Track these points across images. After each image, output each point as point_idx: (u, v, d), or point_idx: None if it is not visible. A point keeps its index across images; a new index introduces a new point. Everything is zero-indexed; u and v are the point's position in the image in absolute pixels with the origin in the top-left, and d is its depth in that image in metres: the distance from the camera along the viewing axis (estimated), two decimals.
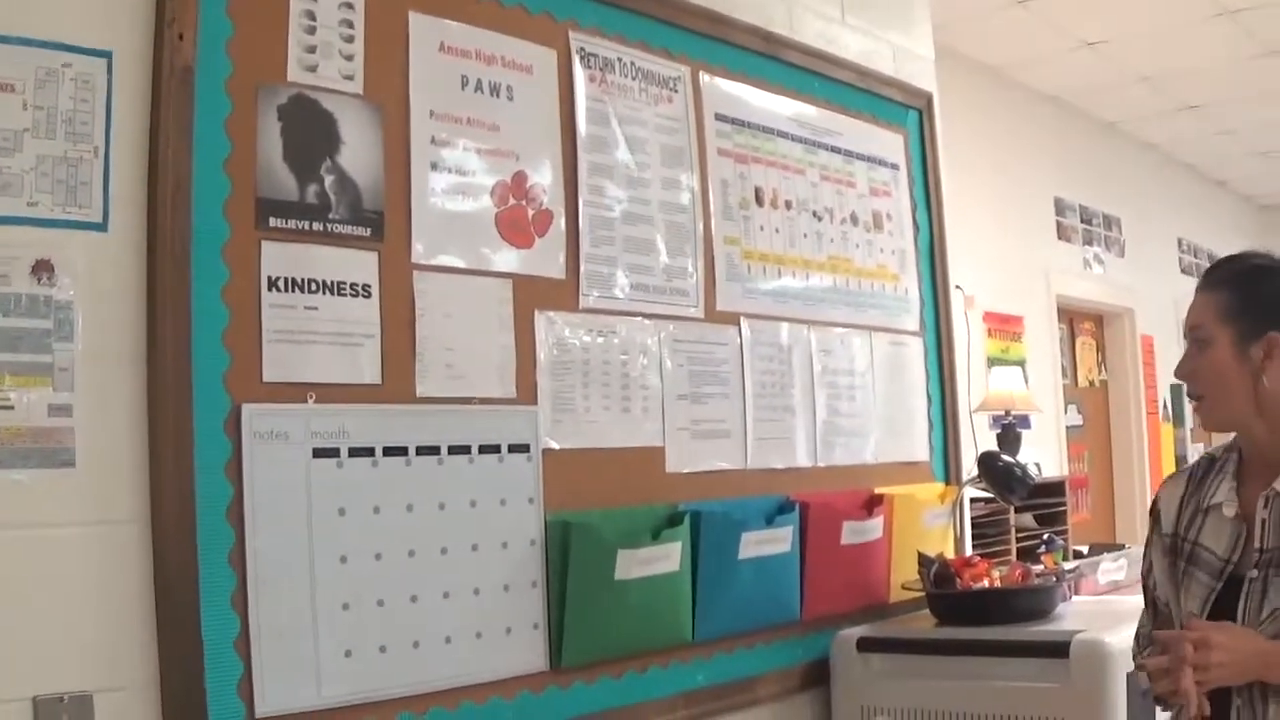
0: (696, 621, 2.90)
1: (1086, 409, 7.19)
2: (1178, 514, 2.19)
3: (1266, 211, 9.88)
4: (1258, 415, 2.07)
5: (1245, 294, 2.09)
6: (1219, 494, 2.12)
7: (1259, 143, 7.95)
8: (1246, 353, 2.06)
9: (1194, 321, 2.13)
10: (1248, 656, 1.94)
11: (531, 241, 2.68)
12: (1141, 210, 7.70)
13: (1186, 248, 8.39)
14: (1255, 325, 2.05)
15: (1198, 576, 2.10)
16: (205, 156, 2.16)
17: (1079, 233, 6.97)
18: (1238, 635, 1.97)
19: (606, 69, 2.92)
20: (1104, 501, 7.26)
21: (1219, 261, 2.22)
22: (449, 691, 2.42)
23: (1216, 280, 2.14)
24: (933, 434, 3.87)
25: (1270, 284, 2.10)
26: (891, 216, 3.79)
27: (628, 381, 2.85)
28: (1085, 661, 2.86)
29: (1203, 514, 2.14)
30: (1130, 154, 7.67)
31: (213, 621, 2.09)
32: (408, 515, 2.37)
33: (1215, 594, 2.06)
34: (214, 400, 2.14)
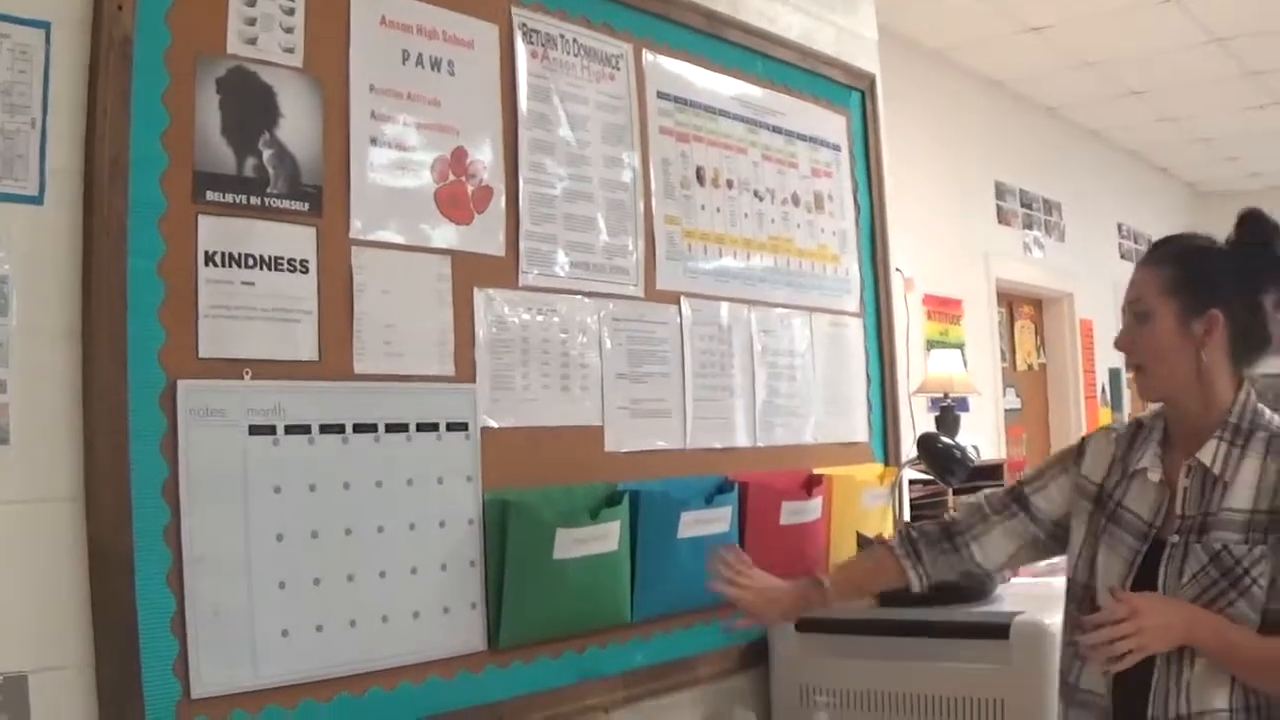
0: (635, 601, 2.93)
1: (1025, 392, 7.28)
2: (1107, 470, 2.30)
3: (1206, 198, 10.02)
4: (1192, 388, 2.17)
5: (1188, 271, 2.18)
6: (1145, 460, 2.23)
7: (1200, 130, 8.06)
8: (1188, 327, 2.15)
9: (1135, 295, 2.22)
10: (1176, 622, 2.04)
11: (471, 218, 2.69)
12: (1082, 195, 7.79)
13: (1126, 233, 8.50)
14: (1197, 301, 2.15)
15: (1121, 537, 2.21)
16: (143, 129, 2.15)
17: (1019, 217, 7.04)
18: (1165, 603, 2.08)
19: (548, 45, 2.92)
20: None
21: (1162, 240, 2.30)
22: (387, 671, 2.43)
23: (1160, 257, 2.23)
24: (872, 415, 3.91)
25: (1211, 263, 2.19)
26: (833, 197, 3.82)
27: (567, 360, 2.86)
28: (1025, 642, 2.88)
29: (1128, 478, 2.25)
30: (1072, 139, 7.76)
31: (148, 601, 2.09)
32: (344, 493, 2.38)
33: (1141, 555, 2.17)
34: (149, 376, 2.13)
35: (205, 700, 2.15)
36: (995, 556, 2.49)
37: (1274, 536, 2.06)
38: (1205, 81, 6.88)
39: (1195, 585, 2.09)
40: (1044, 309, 7.53)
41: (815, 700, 3.12)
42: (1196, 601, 2.08)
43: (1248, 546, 2.07)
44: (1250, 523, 2.08)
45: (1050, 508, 2.40)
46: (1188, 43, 6.19)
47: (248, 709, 2.21)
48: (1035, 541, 2.45)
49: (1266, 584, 2.05)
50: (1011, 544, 2.46)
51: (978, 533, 2.49)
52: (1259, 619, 2.06)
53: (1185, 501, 2.15)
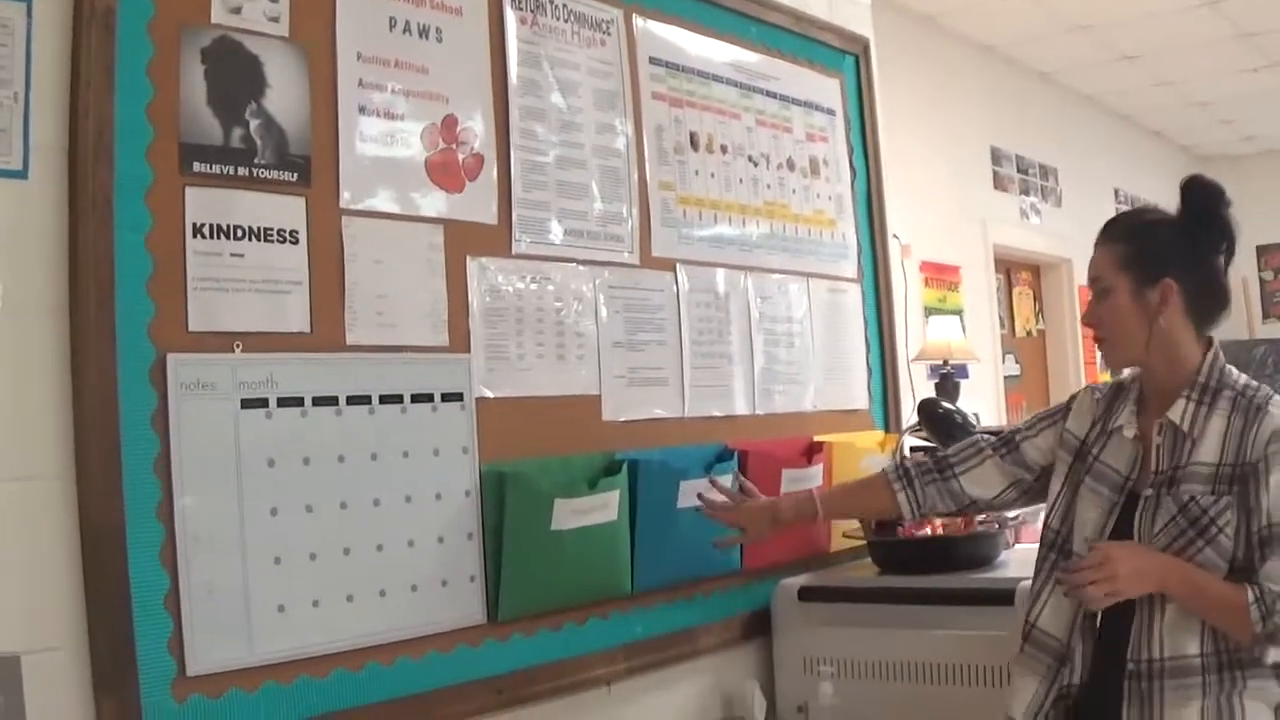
0: (635, 572, 2.91)
1: (1024, 359, 7.27)
2: (1089, 428, 2.49)
3: (1203, 162, 9.98)
4: (1156, 353, 2.35)
5: (1139, 245, 2.36)
6: (1121, 418, 2.42)
7: (1196, 94, 8.04)
8: (1144, 297, 2.34)
9: (1094, 274, 2.42)
10: (1148, 568, 2.24)
11: (462, 186, 2.67)
12: (1078, 160, 7.77)
13: (1124, 198, 8.48)
14: (1150, 273, 2.33)
15: (1098, 489, 2.40)
16: (127, 101, 2.13)
17: (1015, 182, 7.02)
18: (1138, 551, 2.28)
19: (538, 11, 2.90)
20: None
21: (1114, 217, 2.50)
22: (384, 646, 2.41)
23: (1113, 234, 2.42)
24: (872, 381, 3.90)
25: (1161, 235, 2.39)
26: (828, 162, 3.80)
27: (563, 329, 2.85)
28: None
29: (1106, 435, 2.44)
30: (1068, 104, 7.73)
31: (141, 578, 2.07)
32: (339, 466, 2.36)
33: (1118, 507, 2.36)
34: (138, 351, 2.11)
35: (201, 678, 2.14)
36: (984, 491, 2.66)
37: (1238, 488, 2.23)
38: (1199, 44, 6.85)
39: (1166, 535, 2.27)
40: (1042, 275, 7.51)
41: (819, 670, 3.10)
42: (1167, 550, 2.26)
43: (1214, 498, 2.24)
44: (1216, 475, 2.25)
45: (1038, 456, 2.59)
46: (1180, 5, 6.16)
47: (244, 686, 2.20)
48: (1021, 483, 2.63)
49: (1232, 532, 2.23)
50: (1001, 480, 2.64)
51: (970, 465, 2.67)
52: (1227, 566, 2.23)
53: (1159, 457, 2.32)
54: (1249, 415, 2.28)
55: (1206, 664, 2.24)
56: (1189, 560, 2.24)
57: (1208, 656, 2.24)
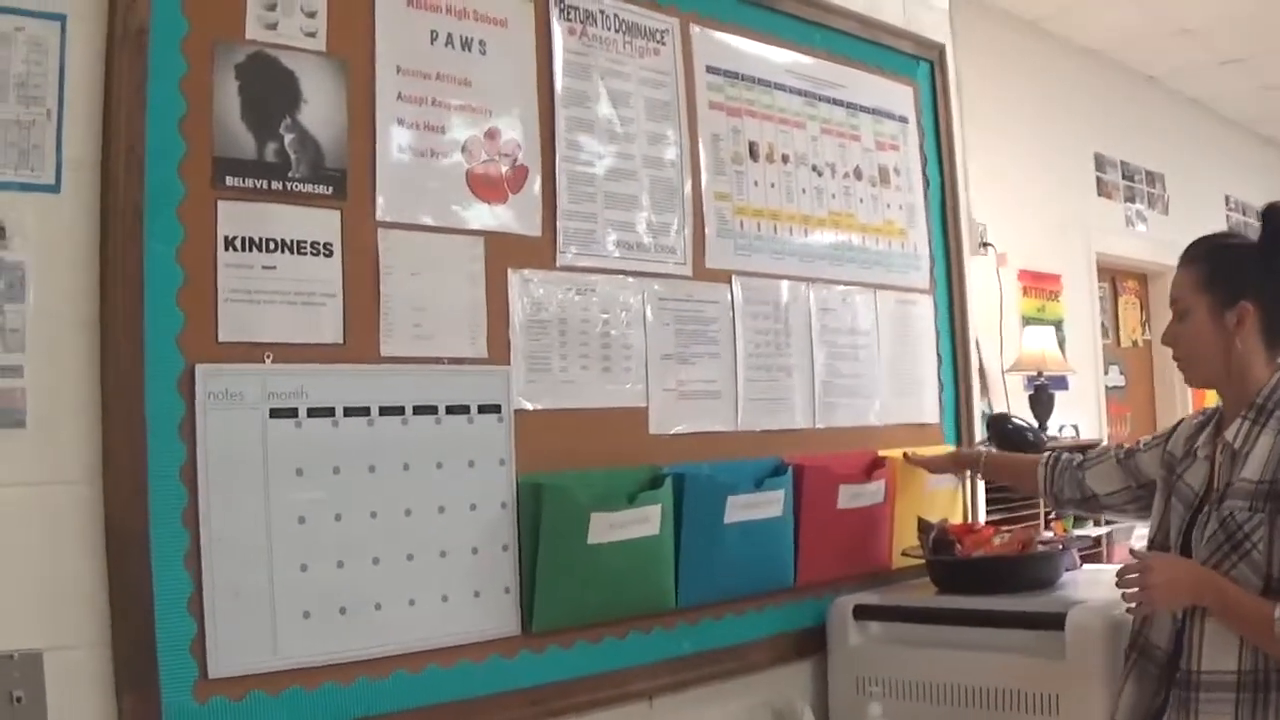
0: (680, 587, 2.95)
1: (1129, 369, 7.15)
2: (1184, 448, 2.63)
3: None
4: (1230, 374, 2.46)
5: (1218, 267, 2.46)
6: (1202, 439, 2.55)
7: None
8: (1221, 319, 2.44)
9: (1174, 295, 2.54)
10: (1183, 581, 2.37)
11: (505, 198, 2.72)
12: (1186, 167, 7.64)
13: (1235, 205, 8.31)
14: (1228, 295, 2.43)
15: (1176, 506, 2.54)
16: (159, 117, 2.23)
17: (1120, 189, 6.93)
18: (1177, 563, 2.43)
19: (587, 21, 2.95)
20: None
21: (1196, 240, 2.58)
22: (413, 654, 2.48)
23: (1192, 256, 2.52)
24: (943, 395, 3.88)
25: (1240, 258, 2.49)
26: (900, 171, 3.80)
27: (608, 341, 2.89)
28: (1081, 634, 2.84)
29: (1191, 455, 2.58)
30: (1173, 109, 7.61)
31: (165, 581, 2.17)
32: (369, 476, 2.44)
33: (1185, 523, 2.49)
34: (167, 360, 2.21)
35: (223, 680, 2.23)
36: (1101, 486, 2.95)
37: (1272, 505, 2.32)
38: None
39: (1207, 548, 2.39)
40: (1149, 284, 7.38)
41: (869, 690, 3.10)
42: (1206, 563, 2.37)
43: (1250, 513, 2.34)
44: (1256, 491, 2.35)
45: (1146, 470, 2.82)
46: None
47: (267, 690, 2.28)
48: (1130, 489, 2.88)
49: (1265, 548, 2.31)
50: (1115, 481, 2.92)
51: (1095, 464, 2.98)
52: (1261, 582, 2.31)
53: (1218, 475, 2.46)
54: None
55: (1242, 681, 2.30)
56: (1224, 574, 2.33)
57: (1244, 674, 2.31)
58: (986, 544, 3.33)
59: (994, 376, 5.68)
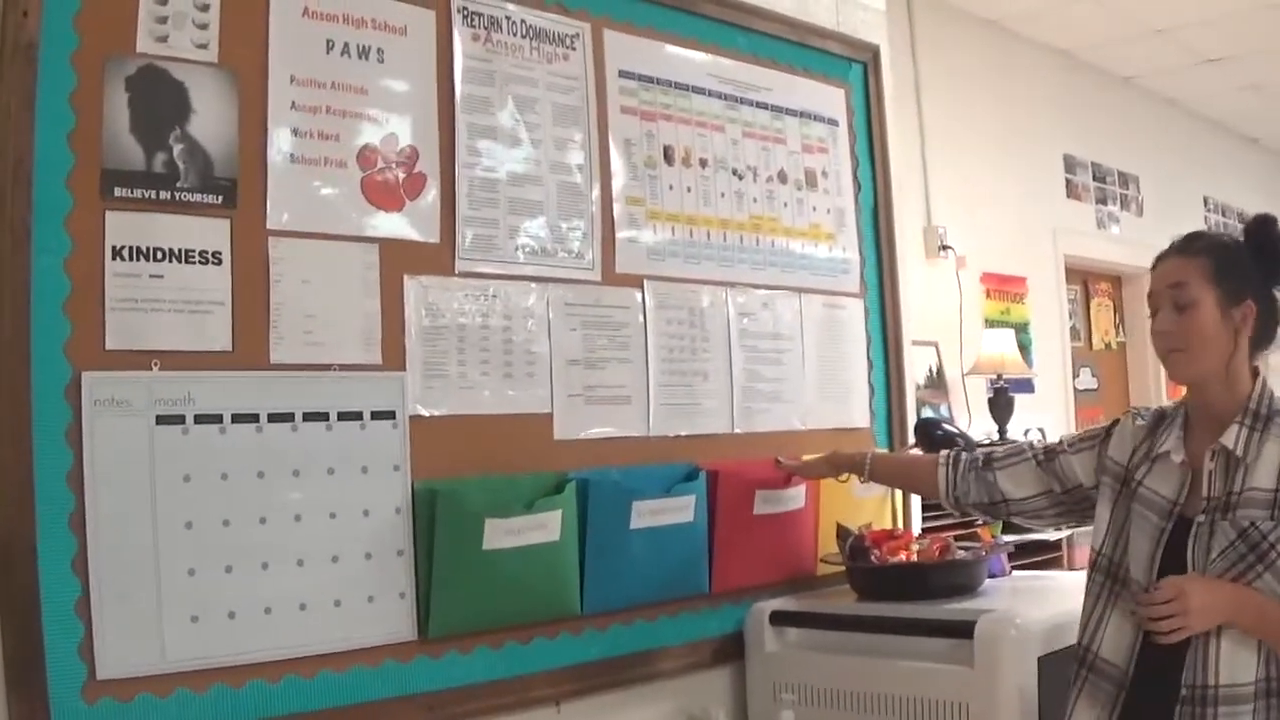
0: (585, 593, 3.14)
1: (1102, 372, 7.33)
2: (1131, 453, 2.69)
3: None
4: (1221, 373, 2.53)
5: (1227, 263, 2.53)
6: (1168, 444, 2.59)
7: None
8: (1229, 314, 2.51)
9: (1177, 279, 2.55)
10: (1219, 603, 2.42)
11: (402, 205, 2.92)
12: (1162, 168, 7.84)
13: (1214, 207, 8.50)
14: (1238, 290, 2.51)
15: (1146, 516, 2.58)
16: (48, 131, 2.42)
17: (1090, 191, 7.11)
18: (1210, 585, 2.45)
19: (492, 28, 3.14)
20: None
21: (1194, 233, 2.66)
22: (305, 659, 2.68)
23: (1199, 248, 2.57)
24: (874, 400, 4.07)
25: (1243, 257, 2.56)
26: (828, 174, 3.99)
27: (511, 347, 3.09)
28: (990, 643, 2.99)
29: (1151, 461, 2.63)
30: (1149, 110, 7.81)
31: (52, 584, 2.37)
32: (258, 482, 2.64)
33: (1166, 534, 2.53)
34: (54, 369, 2.41)
35: (111, 681, 2.42)
36: (1016, 490, 2.98)
37: None
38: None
39: (1224, 561, 2.44)
40: (1122, 286, 7.57)
41: (781, 697, 3.28)
42: (1225, 576, 2.44)
43: (1274, 523, 2.41)
44: (1274, 500, 2.43)
45: (1071, 473, 2.87)
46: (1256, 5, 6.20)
47: (156, 692, 2.48)
48: (1051, 494, 2.92)
49: None
50: (1034, 485, 2.95)
51: (1009, 463, 3.00)
52: None
53: (1210, 483, 2.50)
54: None
55: (1258, 690, 2.41)
56: (1247, 585, 2.42)
57: (1260, 683, 2.42)
58: (905, 550, 3.51)
59: (953, 380, 5.88)
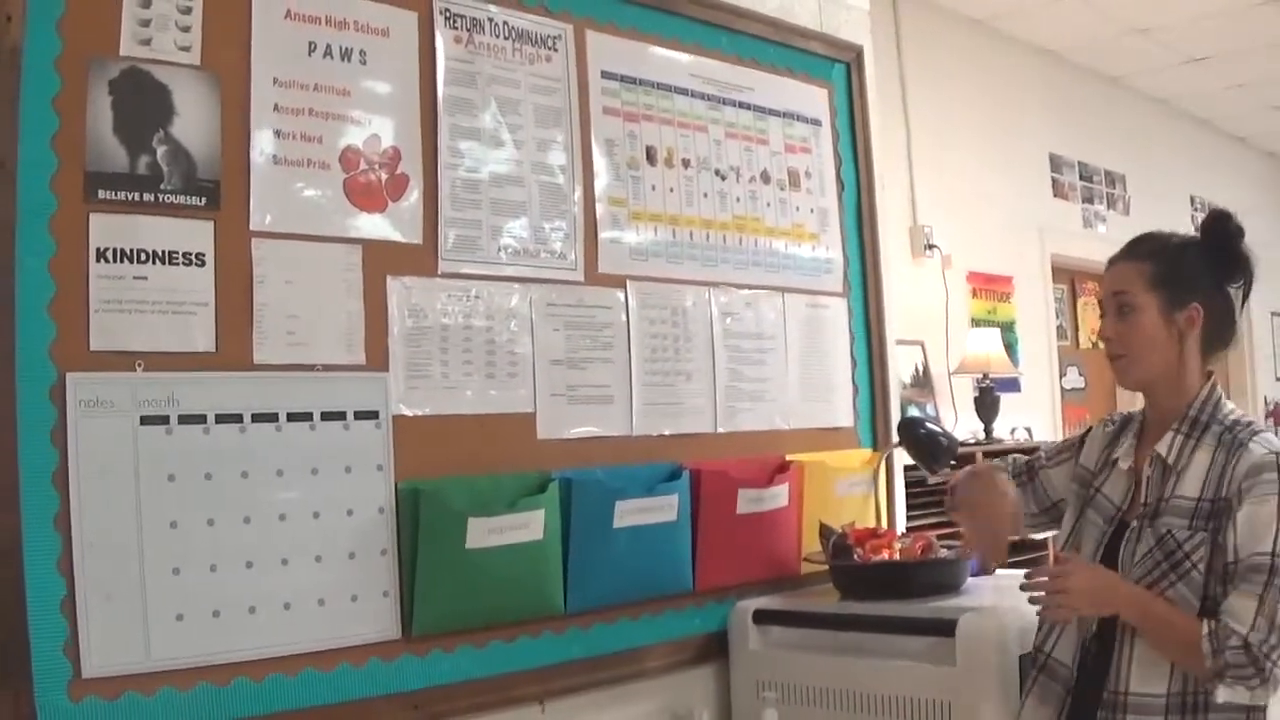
0: (569, 592, 3.19)
1: (1089, 371, 7.39)
2: (1097, 460, 2.73)
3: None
4: (1168, 378, 2.55)
5: (1170, 267, 2.54)
6: (1120, 450, 2.65)
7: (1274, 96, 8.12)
8: (1172, 318, 2.52)
9: (1119, 287, 2.57)
10: (1105, 590, 2.46)
11: (384, 206, 2.96)
12: (1149, 167, 7.91)
13: (1200, 205, 8.55)
14: (1180, 295, 2.52)
15: (1094, 520, 2.63)
16: (32, 134, 2.46)
17: (1077, 190, 7.17)
18: (1100, 573, 2.51)
19: (474, 29, 3.18)
20: None
21: (1141, 236, 2.66)
22: (290, 657, 2.72)
23: (1143, 252, 2.58)
24: (858, 399, 4.11)
25: (1190, 259, 2.57)
26: (811, 174, 4.04)
27: (493, 347, 3.13)
28: (971, 641, 3.04)
29: (1109, 466, 2.67)
30: (1139, 109, 7.88)
31: (37, 583, 2.40)
32: (242, 482, 2.68)
33: (1106, 537, 2.58)
34: (39, 370, 2.44)
35: (96, 680, 2.46)
36: None
37: (1214, 523, 2.41)
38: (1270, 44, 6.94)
39: (1141, 567, 2.47)
40: None
41: (763, 696, 3.32)
42: (1141, 581, 2.45)
43: (1190, 532, 2.42)
44: (1195, 510, 2.43)
45: (1049, 489, 2.88)
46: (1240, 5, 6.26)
47: (142, 690, 2.52)
48: (1029, 515, 2.91)
49: (1205, 568, 2.39)
50: None
51: None
52: (1199, 603, 2.39)
53: (1147, 489, 2.53)
54: (1230, 450, 2.44)
55: (1170, 704, 2.39)
56: (1161, 593, 2.42)
57: (1172, 696, 2.40)
58: (887, 549, 3.56)
59: (940, 380, 5.92)
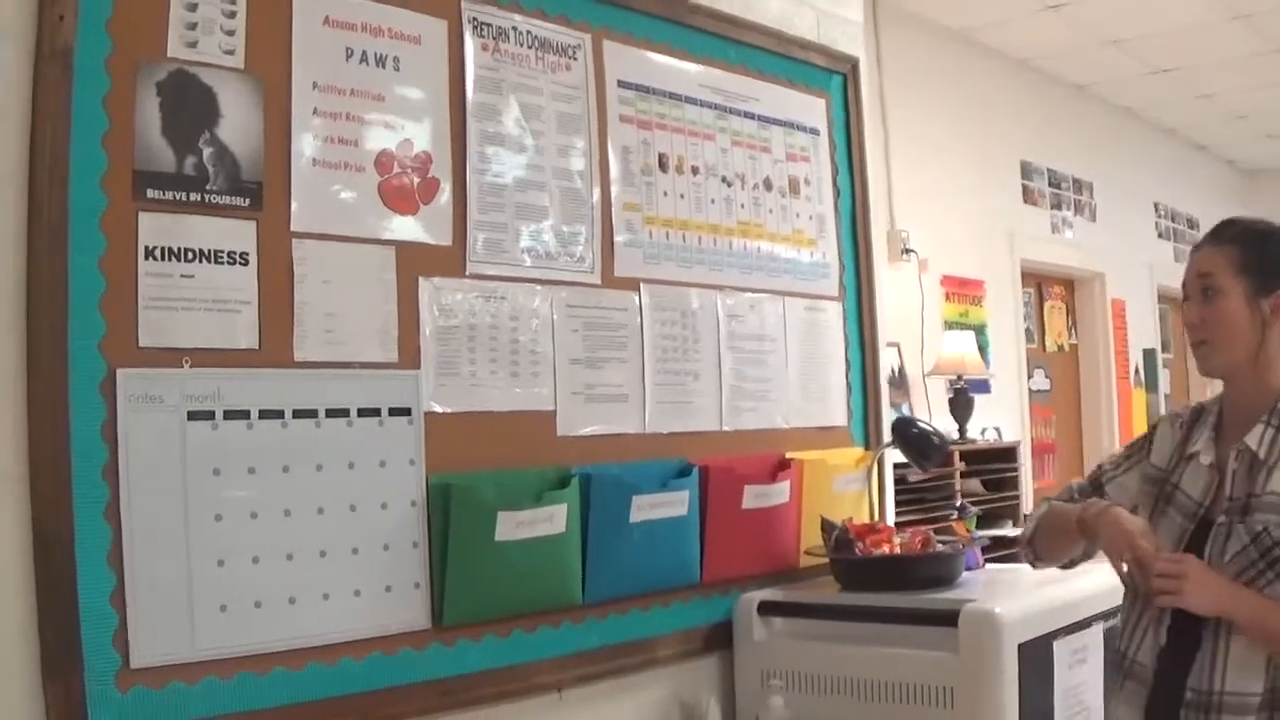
0: (587, 583, 3.18)
1: (1055, 373, 7.45)
2: (1170, 456, 2.55)
3: (1251, 176, 10.11)
4: (1251, 367, 2.41)
5: (1258, 253, 2.42)
6: (1199, 444, 2.47)
7: (1237, 107, 8.18)
8: (1258, 305, 2.39)
9: (1205, 270, 2.45)
10: (1219, 587, 2.30)
11: (416, 209, 2.94)
12: (1115, 174, 7.95)
13: (1164, 212, 8.63)
14: (1267, 282, 2.40)
15: (1172, 516, 2.46)
16: (83, 133, 2.42)
17: (1046, 196, 7.21)
18: (1213, 571, 2.33)
19: (500, 38, 3.16)
20: (1072, 467, 7.51)
21: (1227, 220, 2.54)
22: (327, 647, 2.69)
23: (1229, 236, 2.46)
24: (852, 399, 4.12)
25: (1276, 247, 2.44)
26: (810, 181, 4.04)
27: (517, 347, 3.11)
28: (974, 630, 3.08)
29: (1185, 460, 2.50)
30: (1106, 117, 7.92)
31: (89, 575, 2.36)
32: (284, 476, 2.64)
33: (1188, 534, 2.42)
34: (90, 365, 2.40)
35: (143, 670, 2.42)
36: None
37: None
38: (1235, 59, 7.00)
39: (1235, 564, 2.31)
40: (1075, 289, 7.68)
41: (770, 684, 3.33)
42: (1236, 580, 2.30)
43: None
44: None
45: (1121, 497, 2.63)
46: (1210, 20, 6.32)
47: (186, 680, 2.48)
48: None
49: None
50: None
51: None
52: None
53: (1234, 484, 2.36)
54: None
55: (1263, 701, 2.27)
56: (1258, 591, 2.28)
57: (1266, 694, 2.27)
58: (887, 543, 3.58)
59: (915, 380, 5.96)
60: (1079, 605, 3.32)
